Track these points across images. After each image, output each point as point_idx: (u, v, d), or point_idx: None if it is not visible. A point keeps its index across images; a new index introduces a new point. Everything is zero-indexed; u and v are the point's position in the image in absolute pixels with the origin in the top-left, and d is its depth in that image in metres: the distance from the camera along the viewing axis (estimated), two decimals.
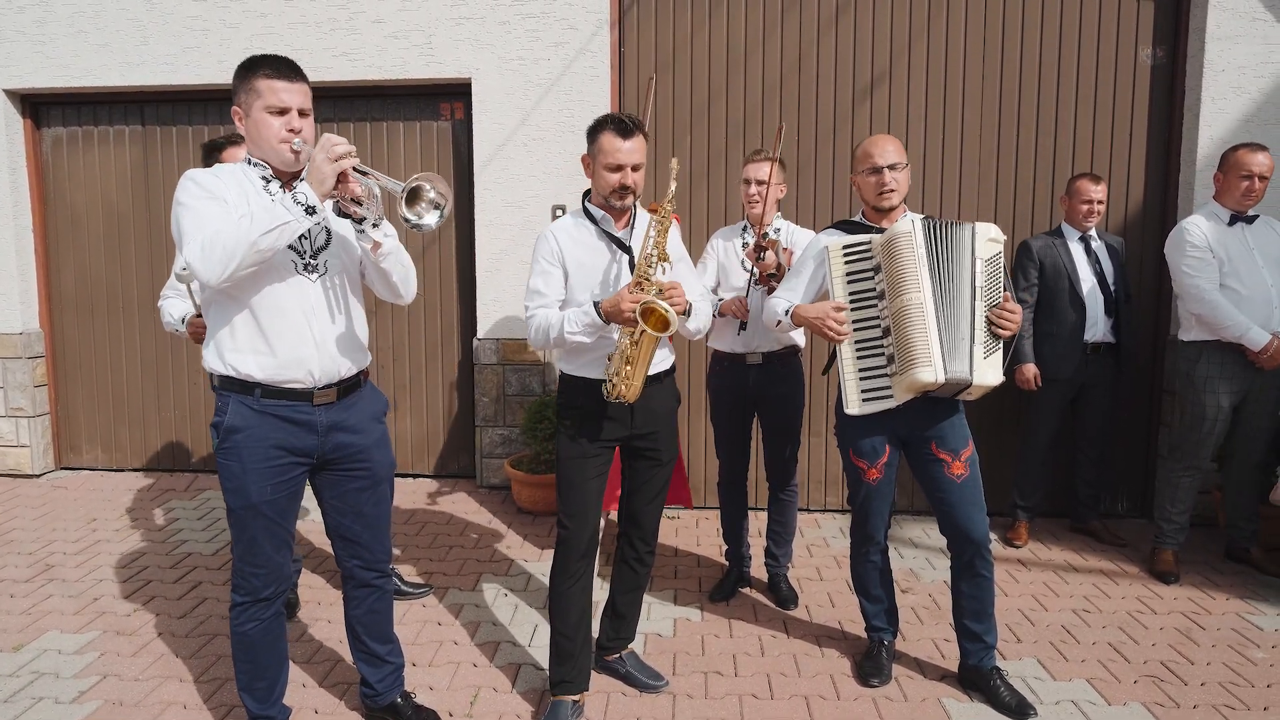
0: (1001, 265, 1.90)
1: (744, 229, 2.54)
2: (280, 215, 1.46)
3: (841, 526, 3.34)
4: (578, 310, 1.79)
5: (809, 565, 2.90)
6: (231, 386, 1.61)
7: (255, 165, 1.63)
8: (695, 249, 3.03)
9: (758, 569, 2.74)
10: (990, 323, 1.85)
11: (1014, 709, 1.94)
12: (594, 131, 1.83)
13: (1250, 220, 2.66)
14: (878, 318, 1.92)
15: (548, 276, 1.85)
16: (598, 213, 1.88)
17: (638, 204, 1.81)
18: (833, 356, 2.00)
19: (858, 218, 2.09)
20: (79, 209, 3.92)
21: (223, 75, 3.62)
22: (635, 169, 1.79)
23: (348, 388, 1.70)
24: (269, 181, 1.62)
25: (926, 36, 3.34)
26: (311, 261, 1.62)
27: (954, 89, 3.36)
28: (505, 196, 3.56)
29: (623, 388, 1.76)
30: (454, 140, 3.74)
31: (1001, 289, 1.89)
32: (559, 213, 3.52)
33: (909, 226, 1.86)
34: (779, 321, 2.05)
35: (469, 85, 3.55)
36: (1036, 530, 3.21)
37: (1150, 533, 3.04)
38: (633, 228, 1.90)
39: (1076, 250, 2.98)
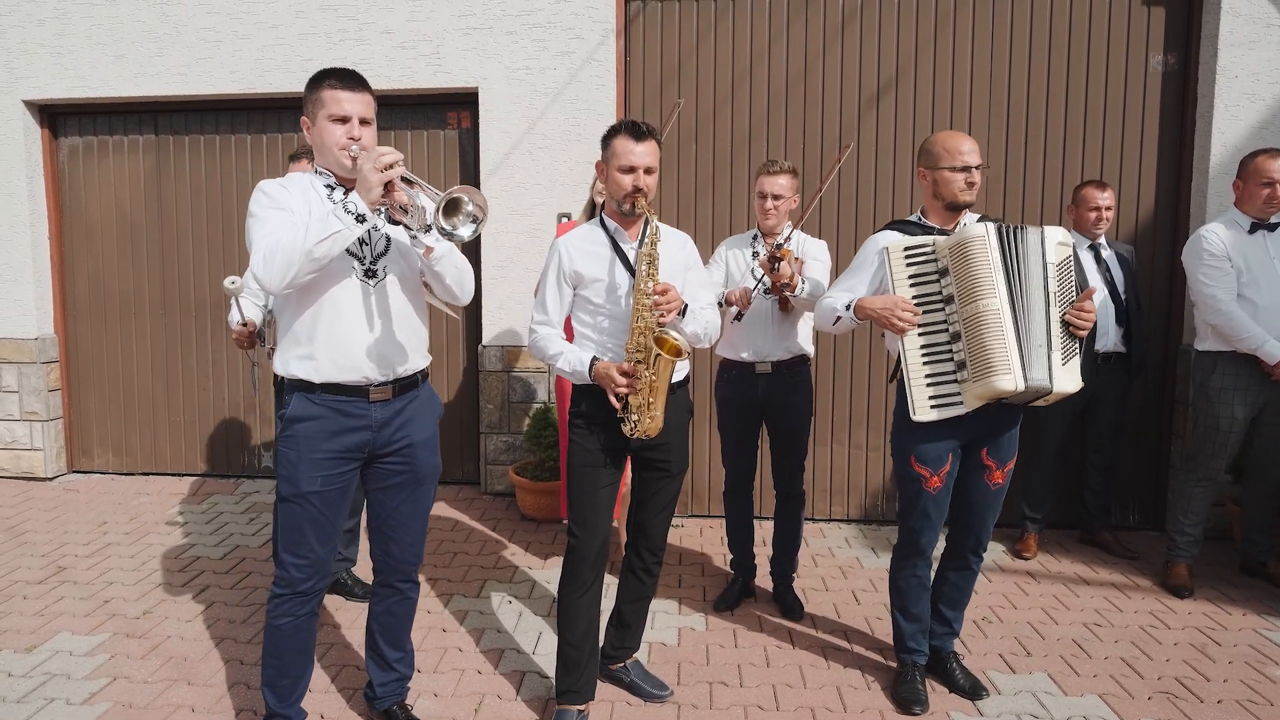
0: (1071, 268, 1.89)
1: (754, 238, 2.53)
2: (332, 225, 1.52)
3: (847, 536, 3.31)
4: (574, 355, 1.85)
5: (814, 575, 2.88)
6: (295, 383, 1.69)
7: (321, 174, 1.71)
8: (702, 257, 3.03)
9: (763, 578, 2.73)
10: (1068, 324, 1.83)
11: (968, 690, 2.07)
12: (608, 137, 1.87)
13: (1272, 228, 2.61)
14: (945, 322, 1.89)
15: (555, 295, 1.89)
16: (611, 224, 1.91)
17: (651, 220, 1.81)
18: (898, 363, 1.96)
19: (914, 218, 2.05)
20: (93, 217, 3.98)
21: (234, 85, 3.67)
22: (648, 172, 1.83)
23: (405, 386, 1.75)
24: (333, 189, 1.69)
25: (934, 44, 3.33)
26: (372, 267, 1.68)
27: (961, 98, 3.34)
28: (511, 204, 3.58)
29: (646, 421, 1.78)
30: (461, 149, 3.77)
31: (1074, 291, 1.88)
32: (563, 219, 3.54)
33: (983, 231, 1.83)
34: (838, 318, 1.98)
35: (476, 94, 3.58)
36: (1045, 542, 3.17)
37: (1162, 545, 2.99)
38: (643, 241, 1.90)
39: (1086, 259, 2.95)
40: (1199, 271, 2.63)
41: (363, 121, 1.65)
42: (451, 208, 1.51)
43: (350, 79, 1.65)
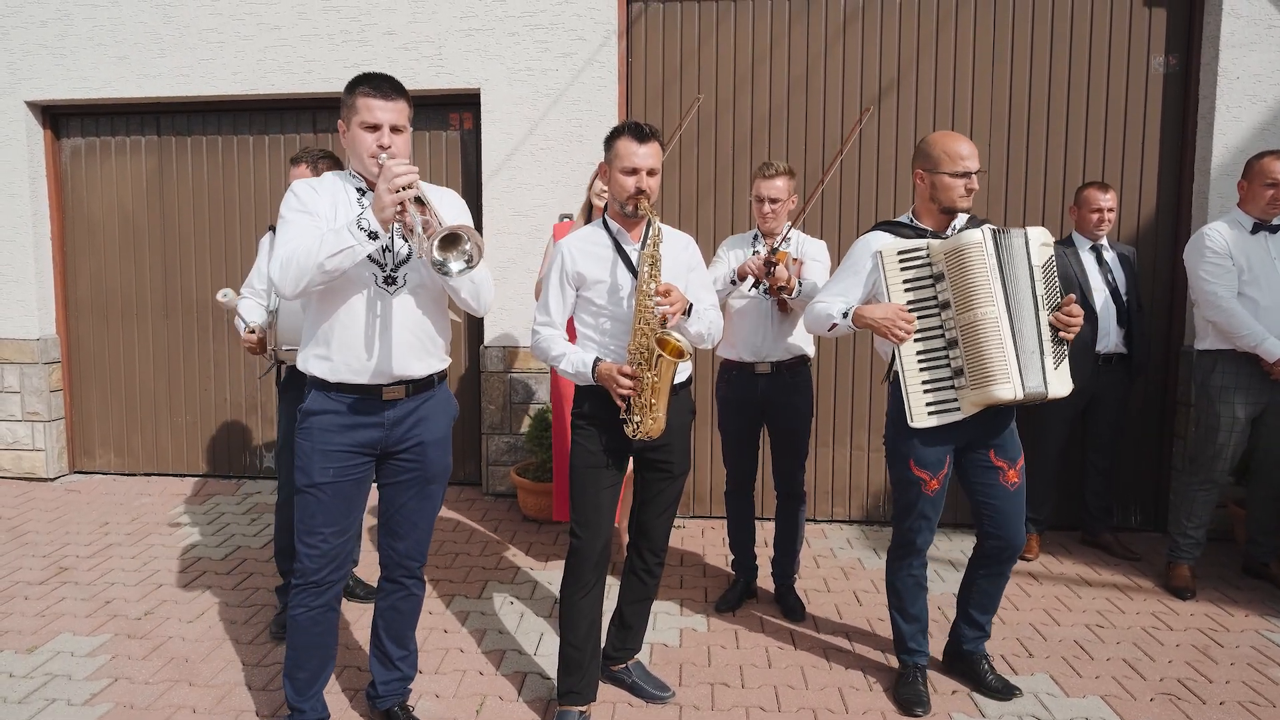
0: (1055, 268, 1.88)
1: (755, 238, 2.54)
2: (345, 240, 1.56)
3: (849, 537, 3.31)
4: (577, 356, 1.85)
5: (816, 576, 2.88)
6: (312, 380, 1.75)
7: (353, 177, 1.75)
8: (704, 258, 3.03)
9: (764, 579, 2.72)
10: (1055, 329, 1.83)
11: (1000, 691, 2.07)
12: (611, 138, 1.87)
13: (1274, 229, 2.62)
14: (941, 328, 1.87)
15: (557, 296, 1.89)
16: (614, 225, 1.91)
17: (653, 221, 1.82)
18: (891, 365, 1.96)
19: (905, 219, 2.03)
20: (95, 217, 3.99)
21: (236, 86, 3.68)
22: (651, 173, 1.83)
23: (420, 387, 1.78)
24: (364, 193, 1.73)
25: (935, 45, 3.34)
26: (392, 274, 1.71)
27: (963, 98, 3.35)
28: (513, 205, 3.58)
29: (649, 422, 1.78)
30: (463, 150, 3.77)
31: (1059, 293, 1.87)
32: (564, 219, 3.55)
33: (980, 237, 1.81)
34: (834, 325, 1.96)
35: (478, 96, 3.58)
36: (1047, 543, 3.16)
37: (1164, 546, 2.99)
38: (645, 242, 1.90)
39: (1088, 260, 2.95)
40: (1201, 268, 2.64)
41: (394, 129, 1.67)
42: (449, 242, 1.51)
43: (385, 86, 1.66)
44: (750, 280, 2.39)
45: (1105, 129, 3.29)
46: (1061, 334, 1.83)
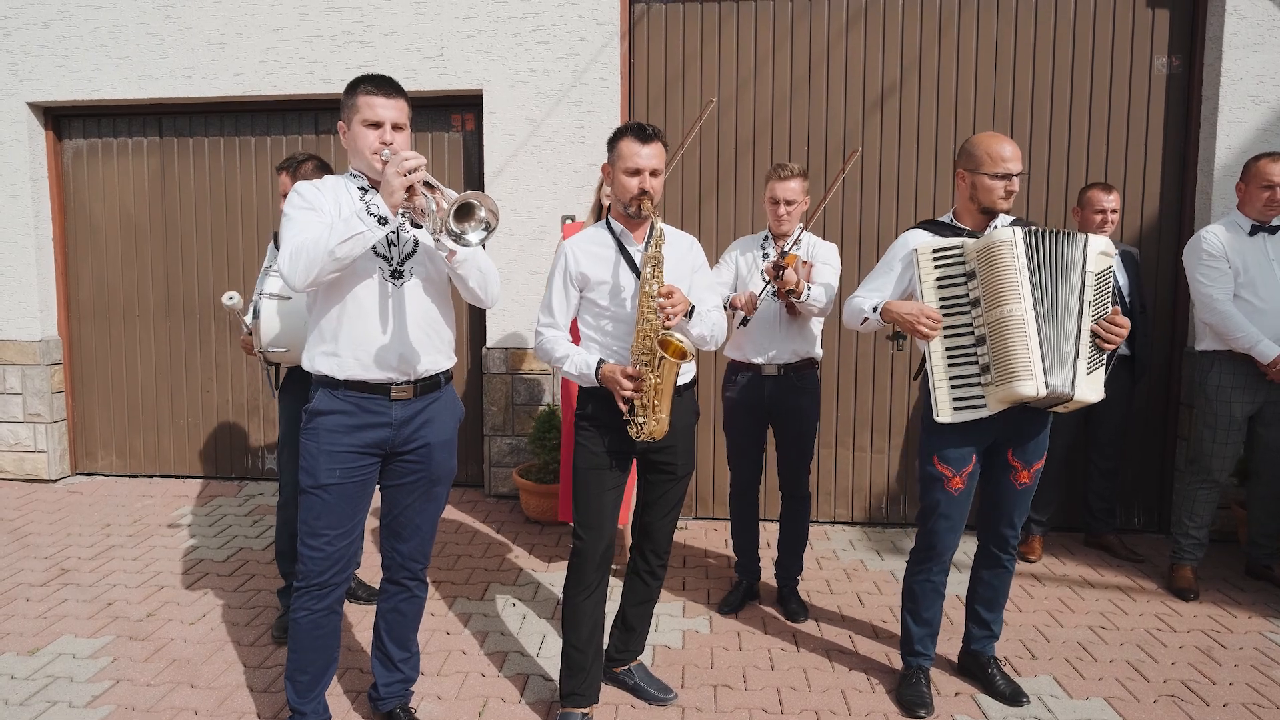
0: (1111, 280, 1.89)
1: (765, 239, 2.54)
2: (354, 226, 1.56)
3: (852, 539, 3.31)
4: (581, 358, 1.85)
5: (819, 578, 2.88)
6: (320, 379, 1.75)
7: (354, 176, 1.76)
8: (708, 259, 3.03)
9: (767, 581, 2.72)
10: (1096, 335, 1.83)
11: (1008, 696, 2.05)
12: (614, 139, 1.87)
13: (1272, 231, 2.62)
14: (971, 325, 1.89)
15: (561, 298, 1.90)
16: (617, 227, 1.91)
17: (656, 222, 1.82)
18: (923, 363, 1.98)
19: (946, 218, 2.05)
20: (97, 219, 3.99)
21: (238, 88, 3.68)
22: (654, 174, 1.83)
23: (426, 386, 1.78)
24: (366, 191, 1.73)
25: (938, 47, 3.34)
26: (398, 268, 1.72)
27: (966, 100, 3.35)
28: (515, 206, 3.58)
29: (652, 423, 1.78)
30: (465, 151, 3.77)
31: (1110, 303, 1.88)
32: (567, 221, 3.55)
33: (1010, 235, 1.82)
34: (865, 319, 2.01)
35: (480, 97, 3.58)
36: (1050, 544, 3.16)
37: (1168, 548, 2.99)
38: (648, 243, 1.90)
39: None
40: (1197, 271, 2.65)
41: (395, 127, 1.69)
42: (464, 212, 1.52)
43: (385, 85, 1.69)
44: (740, 315, 2.38)
45: (1108, 130, 3.29)
46: (1099, 342, 1.84)
